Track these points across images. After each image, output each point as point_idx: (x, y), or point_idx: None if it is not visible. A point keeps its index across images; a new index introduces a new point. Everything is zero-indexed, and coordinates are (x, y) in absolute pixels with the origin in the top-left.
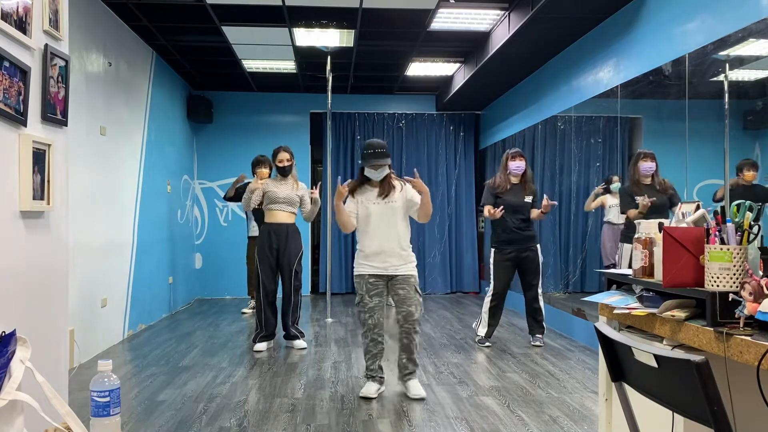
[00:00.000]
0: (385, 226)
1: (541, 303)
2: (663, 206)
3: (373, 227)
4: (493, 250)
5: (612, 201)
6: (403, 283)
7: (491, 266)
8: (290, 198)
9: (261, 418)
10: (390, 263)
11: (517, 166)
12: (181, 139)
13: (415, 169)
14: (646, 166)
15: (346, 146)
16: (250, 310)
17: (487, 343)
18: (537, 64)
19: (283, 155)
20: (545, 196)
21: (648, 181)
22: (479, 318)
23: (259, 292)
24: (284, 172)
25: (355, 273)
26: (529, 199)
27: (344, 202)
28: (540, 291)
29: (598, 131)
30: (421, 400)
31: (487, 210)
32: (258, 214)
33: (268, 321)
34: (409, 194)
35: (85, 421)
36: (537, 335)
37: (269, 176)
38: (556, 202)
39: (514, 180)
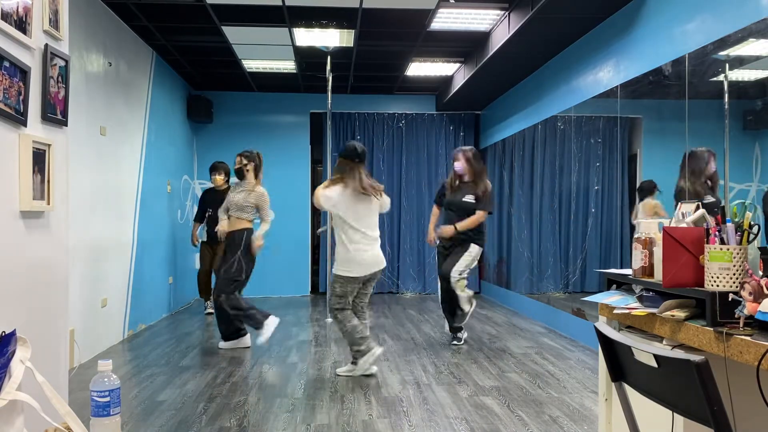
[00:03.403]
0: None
1: (458, 292)
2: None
3: None
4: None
5: (640, 215)
6: None
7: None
8: (239, 204)
9: (261, 418)
10: None
11: (458, 167)
12: (181, 139)
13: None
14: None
15: None
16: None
17: (455, 342)
18: (537, 64)
19: (237, 158)
20: (438, 229)
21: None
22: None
23: (240, 291)
24: (237, 175)
25: None
26: (469, 198)
27: None
28: (455, 280)
29: (598, 131)
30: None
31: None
32: (209, 221)
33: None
34: None
35: (85, 421)
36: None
37: (226, 182)
38: (443, 233)
39: (464, 177)
